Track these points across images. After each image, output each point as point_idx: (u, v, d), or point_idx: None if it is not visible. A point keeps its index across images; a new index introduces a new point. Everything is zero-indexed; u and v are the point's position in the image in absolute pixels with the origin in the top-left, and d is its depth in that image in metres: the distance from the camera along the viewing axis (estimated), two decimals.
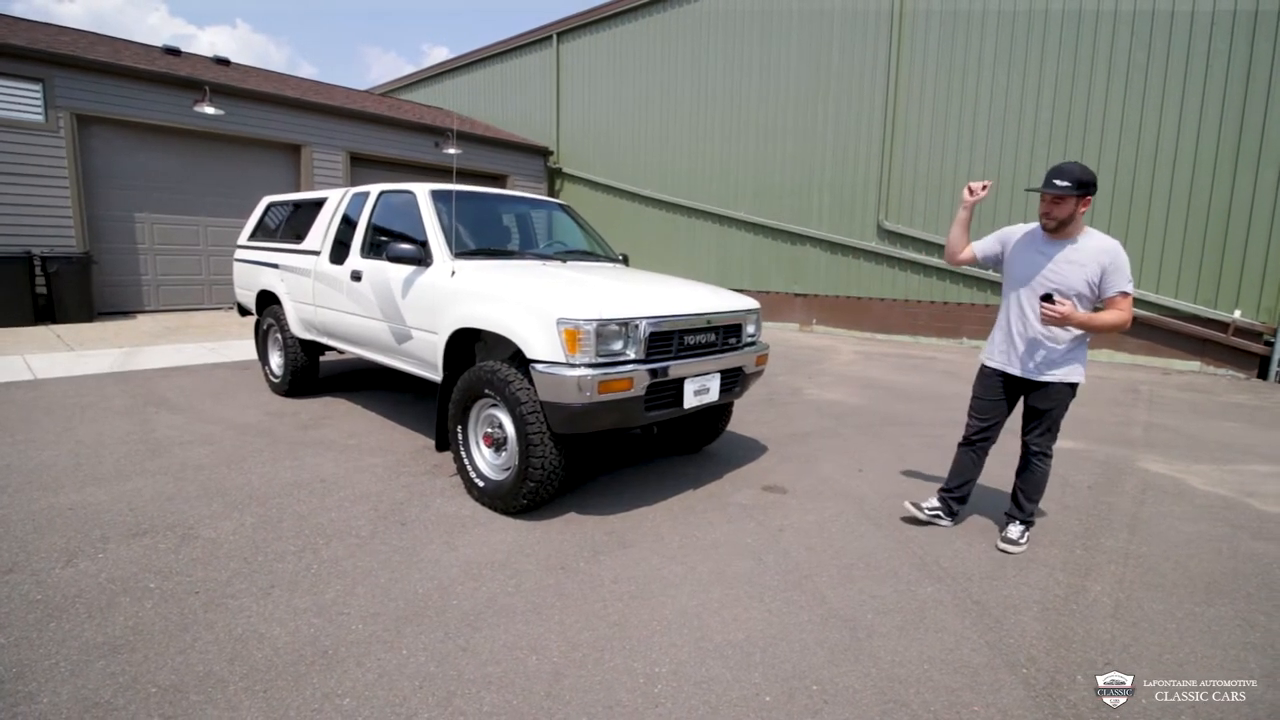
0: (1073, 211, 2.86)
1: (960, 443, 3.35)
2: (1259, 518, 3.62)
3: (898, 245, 10.51)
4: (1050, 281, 2.94)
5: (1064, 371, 3.00)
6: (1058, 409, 3.05)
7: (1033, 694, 2.10)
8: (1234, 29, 7.57)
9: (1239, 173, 7.66)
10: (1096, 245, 2.90)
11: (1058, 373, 3.01)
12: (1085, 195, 2.84)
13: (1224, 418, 5.96)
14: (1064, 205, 2.86)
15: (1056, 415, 3.07)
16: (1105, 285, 2.88)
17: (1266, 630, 2.51)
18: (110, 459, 3.92)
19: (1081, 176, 2.82)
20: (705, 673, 2.13)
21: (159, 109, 9.84)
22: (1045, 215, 2.92)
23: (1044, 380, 3.03)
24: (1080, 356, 3.02)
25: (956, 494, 3.34)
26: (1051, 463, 3.15)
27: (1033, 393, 3.10)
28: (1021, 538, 3.12)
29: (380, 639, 2.24)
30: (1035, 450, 3.13)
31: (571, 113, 15.29)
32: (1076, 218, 2.90)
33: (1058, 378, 3.01)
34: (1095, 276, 2.88)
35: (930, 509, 3.35)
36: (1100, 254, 2.87)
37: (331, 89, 14.76)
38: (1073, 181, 2.81)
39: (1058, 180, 2.83)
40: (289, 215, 5.66)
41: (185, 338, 8.29)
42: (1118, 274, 2.86)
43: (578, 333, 2.91)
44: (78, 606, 2.37)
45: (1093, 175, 2.86)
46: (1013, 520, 3.20)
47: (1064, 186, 2.81)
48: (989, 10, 9.31)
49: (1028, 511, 3.18)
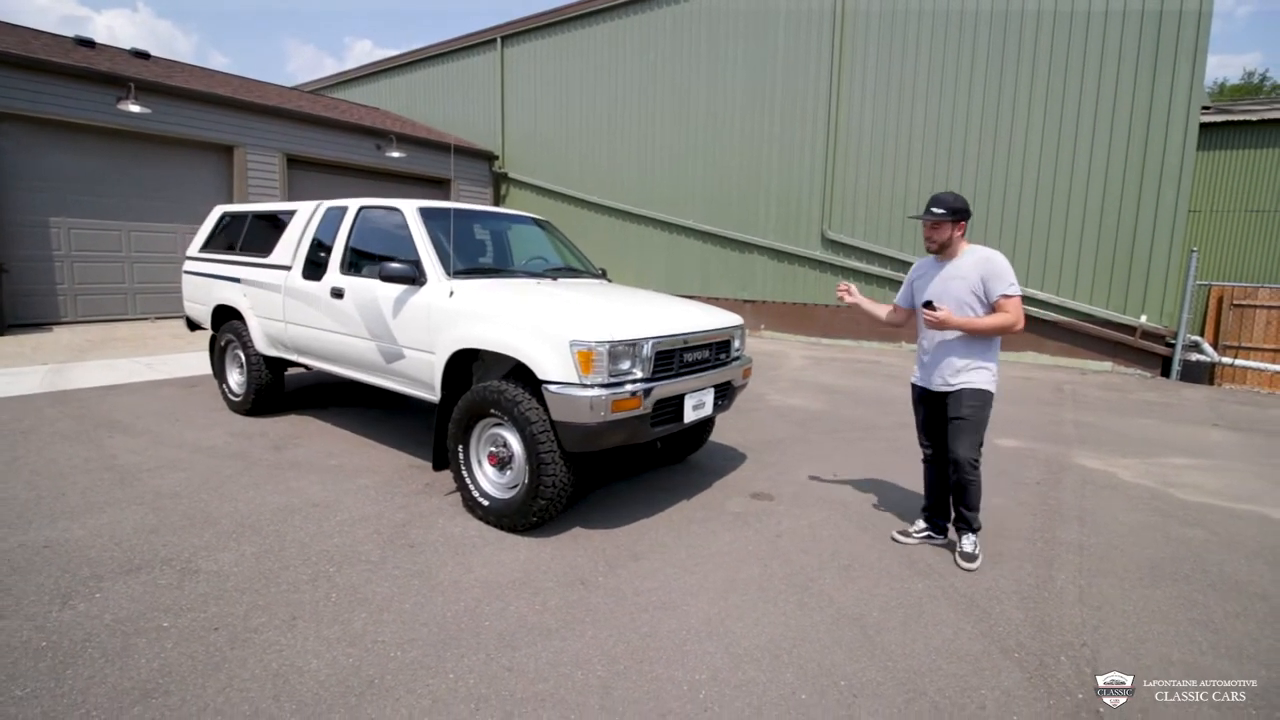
0: (950, 235, 3.16)
1: (922, 459, 3.50)
2: (1183, 507, 4.11)
3: (841, 254, 11.04)
4: (939, 296, 3.18)
5: (966, 378, 3.15)
6: (970, 417, 3.13)
7: (1028, 676, 2.36)
8: (1138, 63, 8.44)
9: (1143, 191, 8.54)
10: (975, 258, 3.16)
11: (959, 380, 3.17)
12: (959, 220, 3.14)
13: (1139, 414, 6.64)
14: (941, 229, 3.16)
15: (970, 423, 3.13)
16: (988, 291, 3.09)
17: (1205, 608, 2.89)
18: (74, 490, 3.69)
19: (954, 204, 3.13)
20: (742, 676, 2.28)
21: (77, 106, 9.14)
22: (927, 239, 3.22)
23: (946, 390, 3.21)
24: (984, 363, 3.16)
25: (938, 510, 3.45)
26: (979, 473, 3.16)
27: (947, 403, 3.22)
28: (975, 549, 3.20)
29: (423, 665, 2.26)
30: (957, 460, 3.15)
31: (517, 117, 15.19)
32: (954, 239, 3.18)
33: (961, 384, 3.16)
34: (977, 285, 3.10)
35: (919, 533, 3.45)
36: (978, 264, 3.12)
37: (264, 87, 14.07)
38: (947, 209, 3.12)
39: (935, 208, 3.14)
40: (249, 226, 5.44)
41: (113, 352, 7.75)
42: (996, 279, 3.07)
43: (591, 354, 3.00)
44: (90, 651, 2.27)
45: (964, 203, 3.18)
46: (962, 531, 3.26)
47: (940, 213, 3.12)
48: (924, 11, 9.89)
49: (969, 520, 3.22)
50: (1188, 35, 8.13)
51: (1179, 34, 8.16)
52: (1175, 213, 8.37)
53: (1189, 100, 8.20)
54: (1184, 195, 8.36)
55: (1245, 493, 4.39)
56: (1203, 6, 8.04)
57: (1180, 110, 8.25)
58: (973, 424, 3.14)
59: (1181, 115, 8.25)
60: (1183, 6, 8.11)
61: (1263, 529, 3.79)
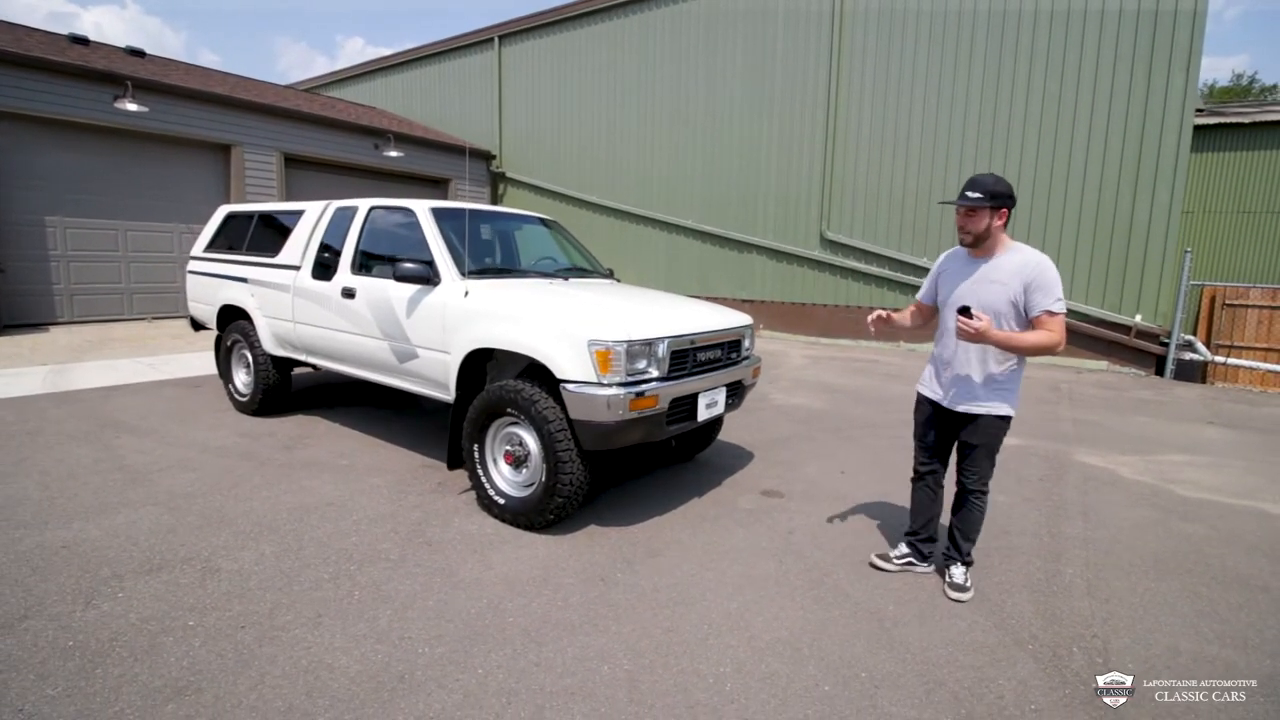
0: (988, 225, 2.67)
1: (911, 478, 3.15)
2: (1182, 502, 4.19)
3: (839, 254, 11.12)
4: (970, 300, 2.73)
5: (989, 405, 2.77)
6: (986, 444, 2.81)
7: (1043, 667, 2.41)
8: (1134, 63, 8.55)
9: (1139, 192, 8.65)
10: (1019, 260, 2.68)
11: (982, 405, 2.77)
12: (1000, 207, 2.65)
13: (1135, 412, 6.74)
14: (977, 218, 2.67)
15: (986, 450, 2.82)
16: (1030, 303, 2.63)
17: (1209, 600, 2.96)
18: (87, 490, 3.69)
19: (994, 187, 2.62)
20: (765, 669, 2.32)
21: (74, 104, 9.08)
22: (960, 229, 2.75)
23: (967, 412, 2.81)
24: (1009, 387, 2.77)
25: (923, 535, 3.09)
26: (988, 500, 2.92)
27: (962, 426, 2.87)
28: (966, 580, 2.90)
29: (452, 660, 2.29)
30: (968, 488, 2.88)
31: (515, 117, 15.19)
32: (993, 232, 2.69)
33: (983, 410, 2.77)
34: (1018, 295, 2.65)
35: (900, 558, 3.11)
36: (1023, 269, 2.65)
37: (261, 86, 14.01)
38: (984, 193, 2.62)
39: (970, 192, 2.65)
40: (256, 227, 5.43)
41: (113, 352, 7.71)
42: (1041, 292, 2.60)
43: (609, 353, 3.03)
44: (118, 650, 2.29)
45: (1008, 186, 2.66)
46: (952, 561, 2.96)
47: (975, 198, 2.63)
48: (922, 12, 9.98)
49: (965, 551, 2.93)
50: (1182, 36, 8.25)
51: (1174, 34, 8.27)
52: (1170, 213, 8.49)
53: (1183, 101, 8.31)
54: (1178, 196, 8.48)
55: (1242, 488, 4.47)
56: (1197, 6, 8.16)
57: (1175, 111, 8.36)
58: (989, 451, 2.83)
59: (1176, 116, 8.37)
60: (1178, 6, 8.22)
61: (1261, 524, 3.87)
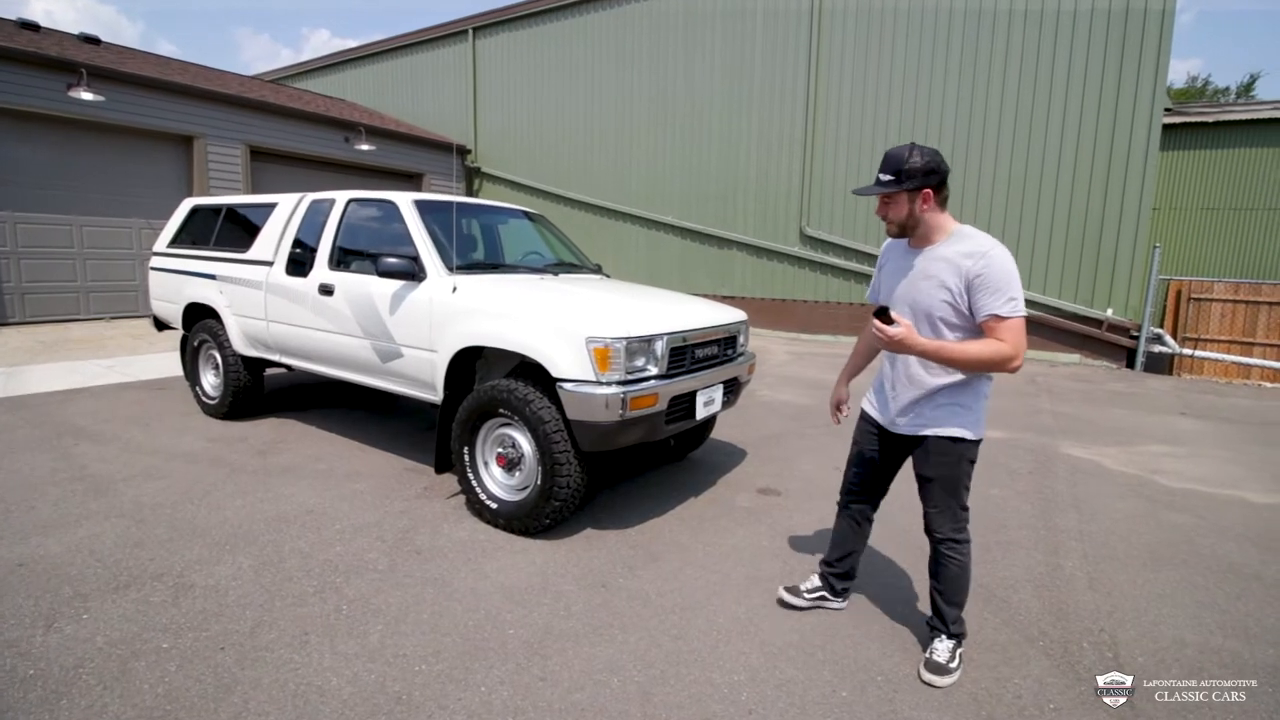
0: (909, 210, 2.11)
1: (837, 503, 2.66)
2: (1168, 493, 4.24)
3: (819, 250, 11.14)
4: (907, 301, 2.20)
5: (934, 420, 2.20)
6: (941, 476, 2.22)
7: (1055, 663, 2.38)
8: (1105, 61, 8.71)
9: (1109, 188, 8.83)
10: (960, 251, 2.06)
11: (925, 422, 2.21)
12: (919, 188, 2.07)
13: (1111, 404, 6.86)
14: (896, 204, 2.13)
15: (943, 485, 2.23)
16: (974, 305, 2.04)
17: (1207, 590, 2.97)
18: (45, 502, 3.45)
19: (905, 164, 2.06)
20: (780, 675, 2.24)
21: (24, 93, 8.60)
22: (882, 218, 2.23)
23: (912, 434, 2.27)
24: (964, 402, 2.17)
25: (838, 568, 2.62)
26: (968, 551, 2.27)
27: (912, 453, 2.33)
28: (951, 660, 2.24)
29: (451, 678, 2.17)
30: (939, 537, 2.29)
31: (490, 111, 14.91)
32: (921, 217, 2.12)
33: (930, 431, 2.21)
34: (958, 291, 2.06)
35: (811, 592, 2.65)
36: (962, 260, 2.04)
37: (225, 76, 13.50)
38: (894, 173, 2.08)
39: (880, 173, 2.12)
40: (224, 221, 5.18)
41: (69, 353, 7.33)
42: (987, 291, 2.00)
43: (608, 351, 2.92)
44: (85, 677, 2.11)
45: (928, 159, 2.06)
46: (936, 634, 2.33)
47: (886, 181, 2.10)
48: (900, 10, 10.03)
49: (949, 620, 2.30)
50: (1151, 34, 8.42)
51: (1144, 33, 8.44)
52: (1140, 209, 8.68)
53: (1152, 98, 8.49)
54: (1148, 192, 8.67)
55: (1224, 478, 4.55)
56: (1166, 6, 8.34)
57: (1144, 109, 8.54)
58: (949, 486, 2.22)
59: (1145, 114, 8.54)
60: (1147, 6, 8.39)
61: (1245, 513, 3.93)
